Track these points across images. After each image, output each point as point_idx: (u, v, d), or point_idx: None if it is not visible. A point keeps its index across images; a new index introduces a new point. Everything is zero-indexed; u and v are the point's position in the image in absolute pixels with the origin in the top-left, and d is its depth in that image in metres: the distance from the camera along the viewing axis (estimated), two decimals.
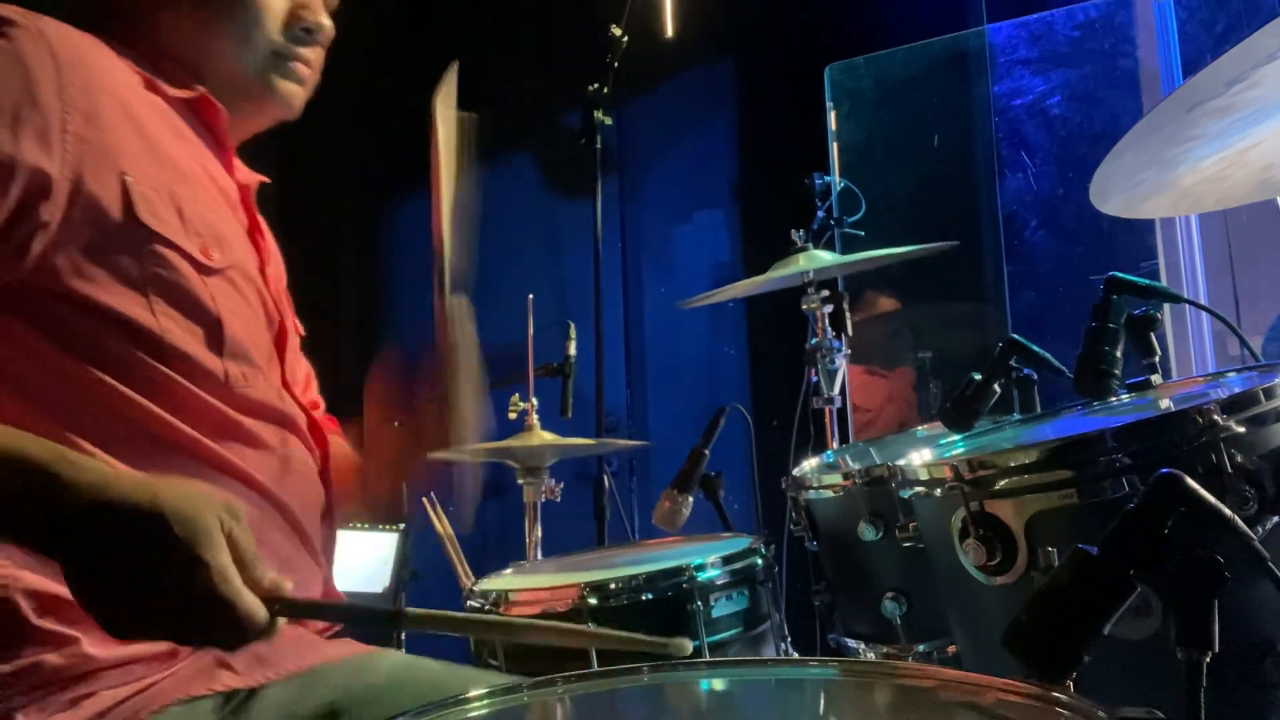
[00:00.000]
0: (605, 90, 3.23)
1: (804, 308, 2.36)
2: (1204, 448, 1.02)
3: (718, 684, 0.92)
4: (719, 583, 1.63)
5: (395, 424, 1.37)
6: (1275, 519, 1.00)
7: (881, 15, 3.88)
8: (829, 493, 1.69)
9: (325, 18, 1.26)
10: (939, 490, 1.20)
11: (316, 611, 1.09)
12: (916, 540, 1.38)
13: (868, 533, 1.59)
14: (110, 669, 1.01)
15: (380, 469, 1.43)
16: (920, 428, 1.97)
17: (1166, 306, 2.81)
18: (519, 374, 2.46)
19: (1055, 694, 0.70)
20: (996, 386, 1.52)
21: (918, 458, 1.29)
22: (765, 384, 3.96)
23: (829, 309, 2.33)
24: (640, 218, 4.38)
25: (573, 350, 2.78)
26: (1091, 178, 1.43)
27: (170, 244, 1.08)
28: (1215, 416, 1.02)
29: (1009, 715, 0.72)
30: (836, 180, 3.73)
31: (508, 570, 1.96)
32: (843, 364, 2.34)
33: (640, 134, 4.30)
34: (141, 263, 1.05)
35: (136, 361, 1.06)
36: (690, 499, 2.10)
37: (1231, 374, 1.40)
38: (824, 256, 2.36)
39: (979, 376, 1.52)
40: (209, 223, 1.13)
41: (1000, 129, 3.67)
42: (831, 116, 3.94)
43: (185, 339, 1.08)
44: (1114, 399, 1.35)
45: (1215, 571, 0.76)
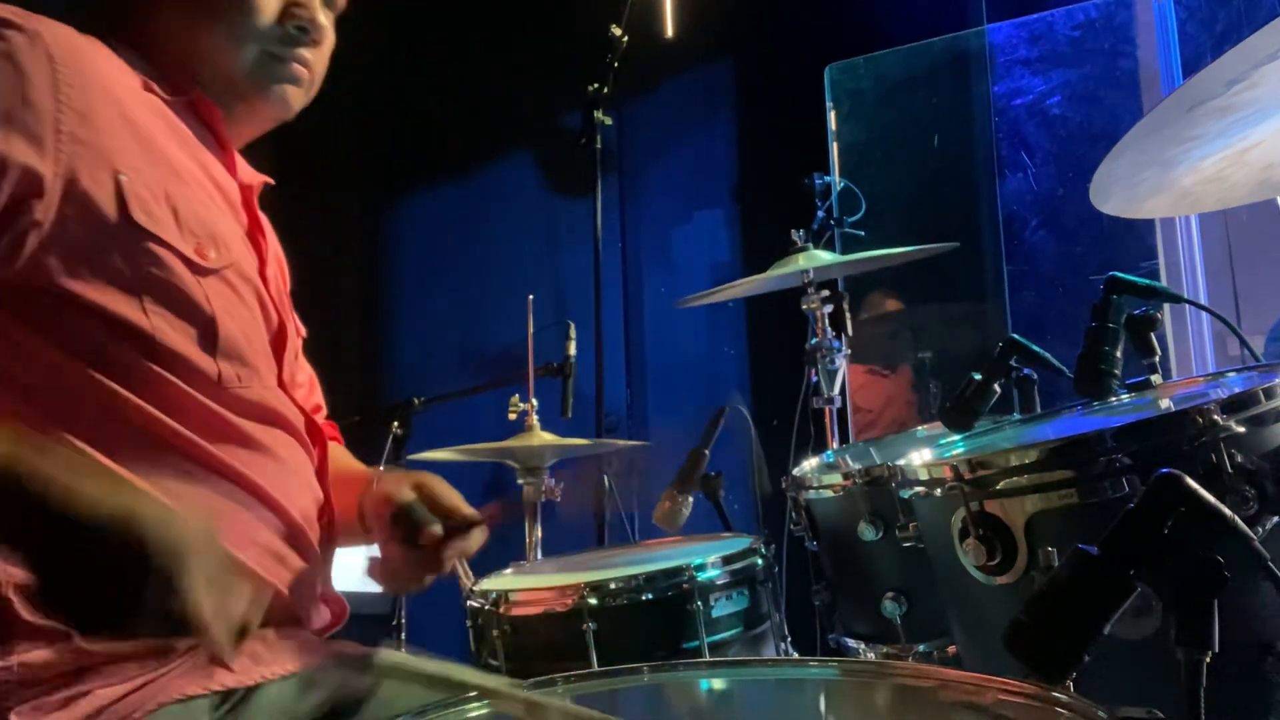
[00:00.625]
0: (605, 90, 3.24)
1: (804, 308, 2.35)
2: (1204, 448, 1.02)
3: (718, 684, 0.92)
4: (719, 583, 1.64)
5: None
6: (1275, 519, 1.00)
7: (881, 15, 3.88)
8: (829, 493, 1.69)
9: (321, 16, 1.25)
10: (939, 490, 1.20)
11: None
12: (916, 540, 1.38)
13: (868, 533, 1.60)
14: (104, 665, 1.01)
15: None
16: (920, 428, 1.97)
17: (1166, 306, 2.81)
18: (519, 374, 2.46)
19: (1055, 694, 0.70)
20: (996, 386, 1.52)
21: (918, 458, 1.29)
22: (765, 384, 3.96)
23: (829, 309, 2.33)
24: (640, 218, 4.37)
25: (573, 350, 2.78)
26: (1091, 178, 1.43)
27: (164, 244, 1.07)
28: (1215, 416, 1.02)
29: (1009, 715, 0.72)
30: (836, 180, 3.73)
31: (508, 570, 1.96)
32: (843, 364, 2.34)
33: (640, 134, 4.30)
34: (135, 262, 1.05)
35: (129, 360, 1.06)
36: (690, 499, 2.10)
37: (1231, 374, 1.40)
38: (824, 256, 2.36)
39: (979, 376, 1.52)
40: (205, 223, 1.13)
41: (1000, 129, 3.66)
42: (831, 116, 3.94)
43: (178, 339, 1.08)
44: (1114, 399, 1.35)
45: (1215, 571, 0.77)
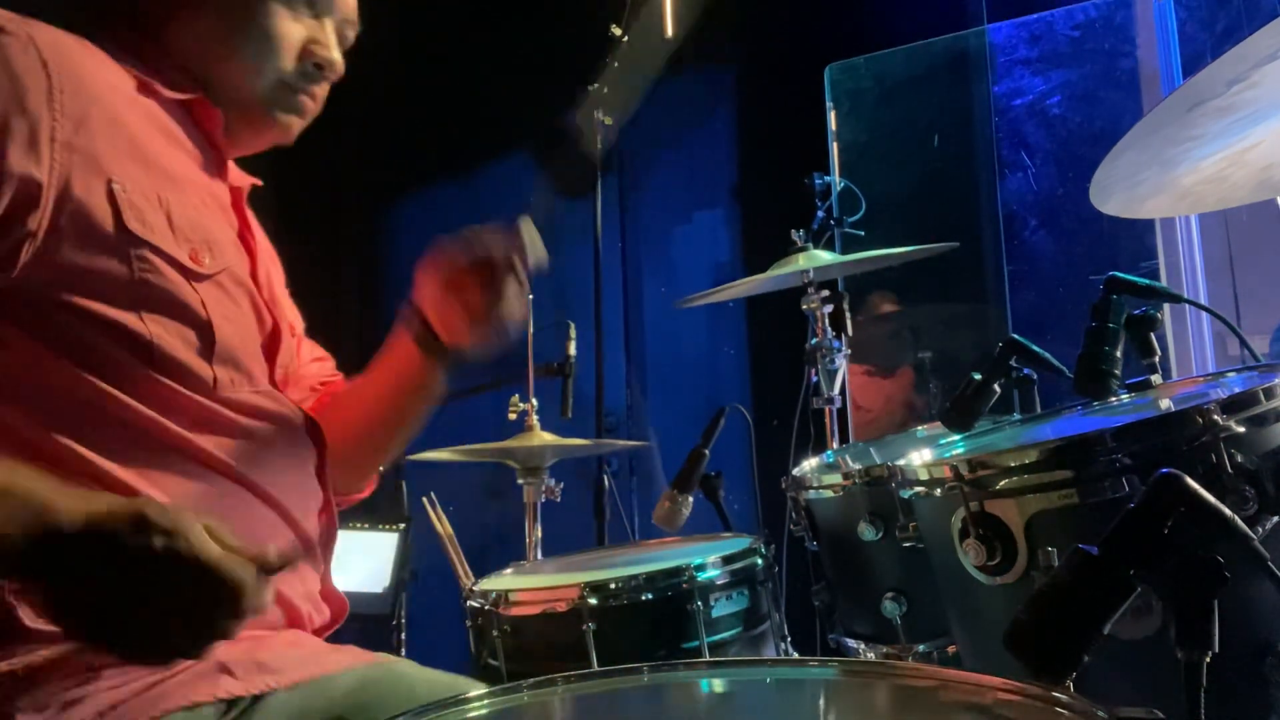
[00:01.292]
0: (605, 90, 3.23)
1: (804, 308, 2.35)
2: (1204, 448, 1.02)
3: (717, 684, 0.92)
4: (719, 583, 1.63)
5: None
6: (1275, 519, 1.00)
7: (881, 15, 3.88)
8: (829, 493, 1.69)
9: (337, 54, 1.27)
10: (939, 490, 1.20)
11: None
12: (916, 540, 1.38)
13: (868, 533, 1.60)
14: (108, 668, 1.01)
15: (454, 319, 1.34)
16: (920, 428, 1.97)
17: (1166, 306, 2.81)
18: (519, 374, 2.46)
19: (1055, 694, 0.70)
20: (996, 386, 1.52)
21: (918, 458, 1.29)
22: (765, 384, 3.96)
23: (829, 309, 2.32)
24: (640, 218, 4.37)
25: (573, 350, 2.78)
26: (1091, 178, 1.43)
27: (159, 251, 1.07)
28: (1215, 416, 1.02)
29: (1009, 715, 0.72)
30: (836, 180, 3.73)
31: (508, 570, 1.96)
32: (843, 364, 2.34)
33: (640, 134, 4.30)
34: (130, 269, 1.05)
35: (126, 366, 1.06)
36: (690, 499, 2.10)
37: (1231, 374, 1.40)
38: (824, 256, 2.36)
39: (979, 376, 1.52)
40: (199, 227, 1.13)
41: (1000, 129, 3.66)
42: (831, 116, 3.94)
43: (175, 344, 1.08)
44: (1114, 399, 1.35)
45: (1215, 571, 0.77)
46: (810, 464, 1.86)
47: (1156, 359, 1.41)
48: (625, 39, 3.09)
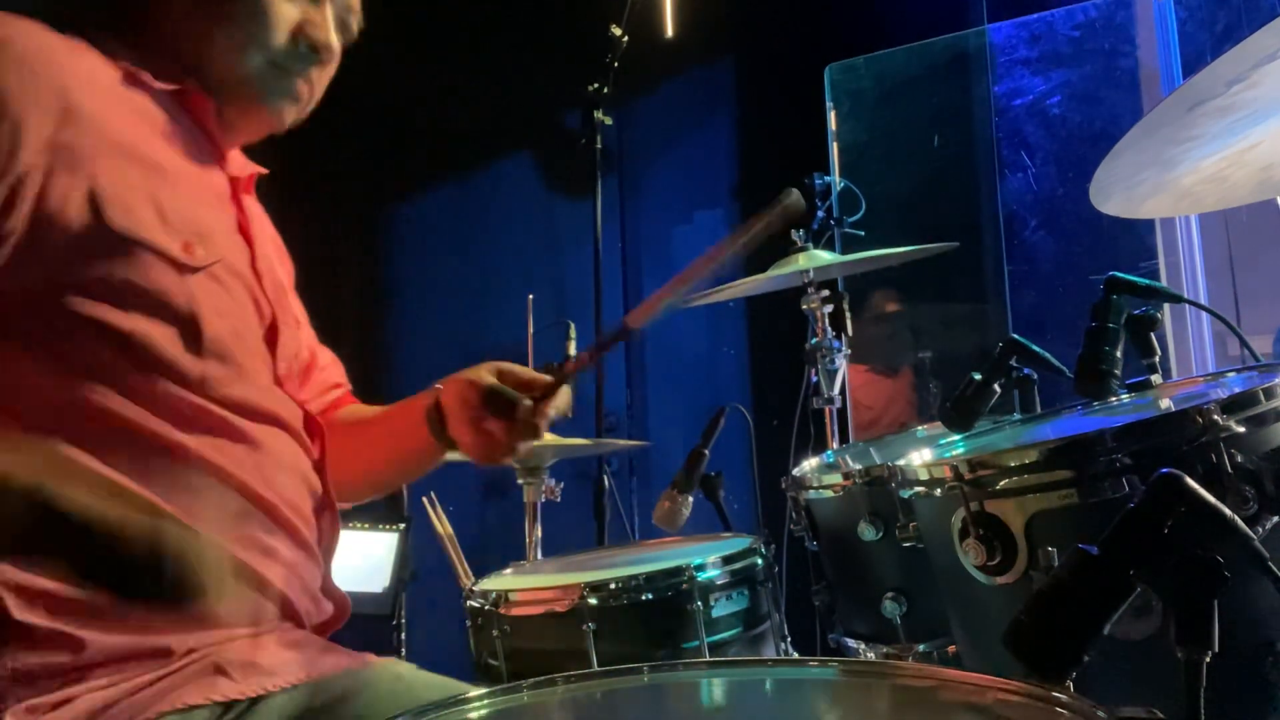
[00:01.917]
0: (605, 90, 3.24)
1: (804, 308, 2.35)
2: (1204, 448, 1.02)
3: (717, 684, 0.92)
4: (719, 583, 1.63)
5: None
6: (1275, 519, 1.00)
7: (881, 15, 3.88)
8: (829, 493, 1.69)
9: (333, 38, 1.24)
10: (939, 490, 1.20)
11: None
12: (916, 540, 1.38)
13: (868, 533, 1.60)
14: (99, 666, 1.00)
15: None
16: (920, 428, 1.96)
17: (1166, 306, 2.81)
18: None
19: (1055, 694, 0.70)
20: (996, 386, 1.52)
21: (918, 458, 1.29)
22: (765, 384, 3.96)
23: (829, 309, 2.33)
24: (640, 218, 4.37)
25: (573, 350, 2.78)
26: (1091, 178, 1.43)
27: (146, 245, 1.06)
28: (1215, 416, 1.02)
29: (1009, 715, 0.72)
30: (836, 180, 3.73)
31: (508, 570, 1.96)
32: (843, 364, 2.34)
33: (640, 134, 4.30)
34: (114, 266, 1.04)
35: (114, 364, 1.05)
36: (690, 499, 2.10)
37: (1231, 374, 1.40)
38: (824, 256, 2.36)
39: (979, 376, 1.52)
40: (192, 219, 1.12)
41: (1000, 129, 3.67)
42: (831, 116, 3.94)
43: (161, 341, 1.07)
44: (1114, 399, 1.35)
45: (1215, 571, 0.76)
46: (810, 464, 1.86)
47: (1156, 359, 1.41)
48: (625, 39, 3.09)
